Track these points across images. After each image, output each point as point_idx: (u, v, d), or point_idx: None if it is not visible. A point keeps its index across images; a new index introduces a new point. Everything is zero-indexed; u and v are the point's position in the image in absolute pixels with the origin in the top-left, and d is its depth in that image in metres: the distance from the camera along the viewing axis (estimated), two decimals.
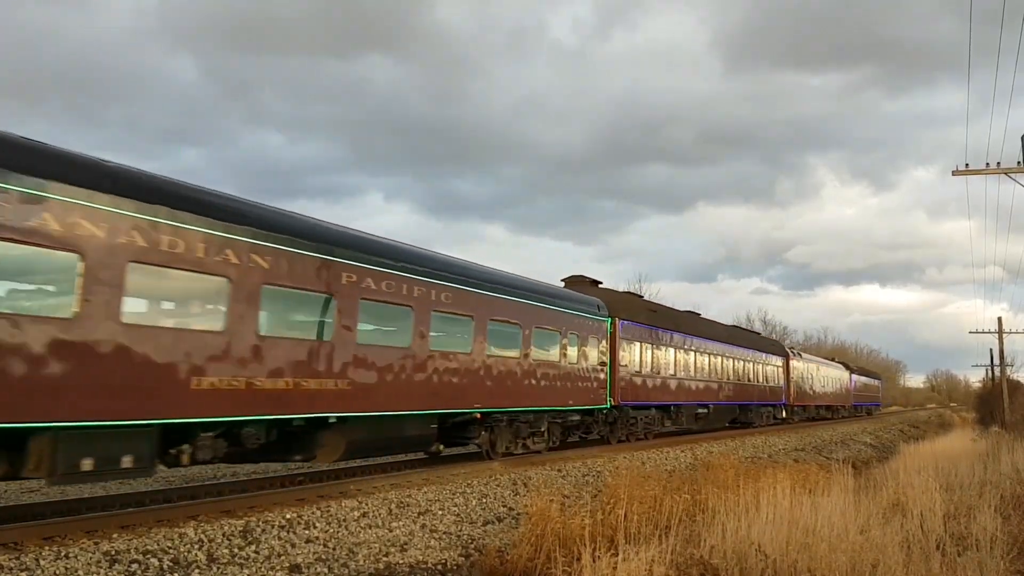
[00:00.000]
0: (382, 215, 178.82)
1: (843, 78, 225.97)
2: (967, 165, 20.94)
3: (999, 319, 48.84)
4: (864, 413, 63.83)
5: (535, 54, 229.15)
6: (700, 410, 26.86)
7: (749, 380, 32.64)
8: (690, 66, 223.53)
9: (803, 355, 44.52)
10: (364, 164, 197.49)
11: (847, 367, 59.09)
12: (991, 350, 60.19)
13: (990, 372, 58.90)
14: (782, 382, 38.03)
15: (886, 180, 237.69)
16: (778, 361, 38.06)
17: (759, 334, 41.66)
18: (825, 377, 48.26)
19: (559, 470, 15.32)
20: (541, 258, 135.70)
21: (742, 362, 31.85)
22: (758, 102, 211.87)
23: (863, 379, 66.02)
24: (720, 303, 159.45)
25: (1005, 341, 48.42)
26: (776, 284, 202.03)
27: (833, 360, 59.42)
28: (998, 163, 20.70)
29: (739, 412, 31.91)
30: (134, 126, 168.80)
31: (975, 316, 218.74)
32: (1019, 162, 20.26)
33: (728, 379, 29.86)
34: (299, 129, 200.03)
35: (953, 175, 21.02)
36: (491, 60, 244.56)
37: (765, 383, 35.13)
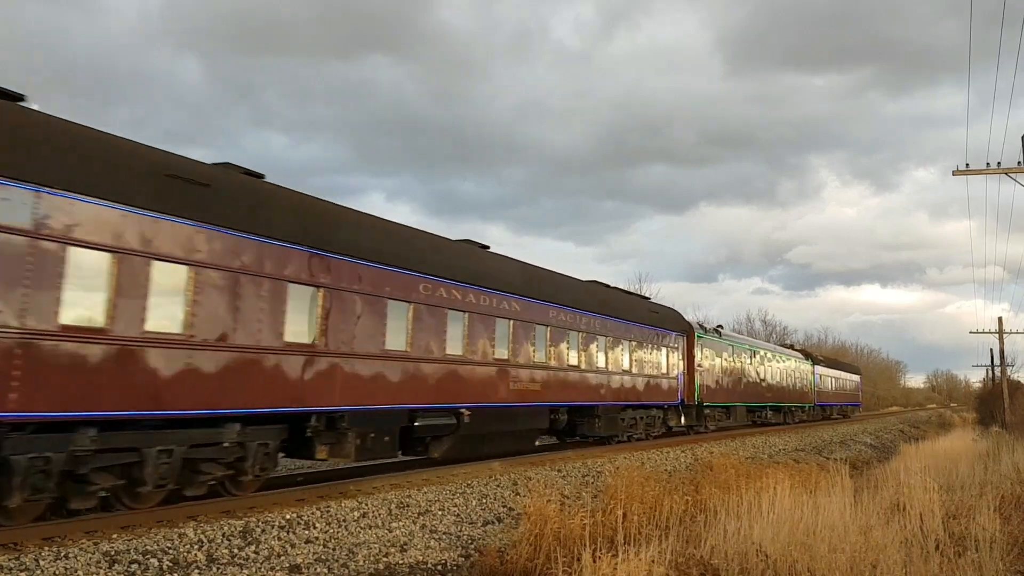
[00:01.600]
0: (384, 215, 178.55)
1: (845, 79, 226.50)
2: (968, 165, 20.99)
3: (999, 319, 48.90)
4: (838, 415, 53.93)
5: (538, 55, 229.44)
6: (428, 420, 13.59)
7: (591, 366, 19.45)
8: (692, 67, 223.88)
9: (723, 333, 31.78)
10: (367, 165, 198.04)
11: (808, 356, 47.80)
12: (991, 350, 60.23)
13: (990, 372, 58.95)
14: (679, 372, 25.20)
15: (887, 180, 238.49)
16: (672, 340, 24.95)
17: (646, 299, 26.77)
18: (768, 368, 36.30)
19: (559, 470, 15.31)
20: (542, 258, 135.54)
21: (568, 335, 18.47)
22: (760, 103, 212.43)
23: (833, 373, 53.40)
24: (721, 303, 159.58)
25: (1005, 341, 48.48)
26: (777, 284, 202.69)
27: (791, 348, 49.14)
28: (999, 163, 20.76)
29: (563, 419, 18.75)
30: (139, 127, 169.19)
31: (976, 316, 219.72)
32: (1019, 162, 20.27)
33: (528, 362, 16.63)
34: (303, 130, 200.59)
35: (954, 175, 21.08)
36: (494, 61, 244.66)
37: (638, 373, 22.04)
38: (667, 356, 24.55)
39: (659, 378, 23.78)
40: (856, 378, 63.76)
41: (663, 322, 24.90)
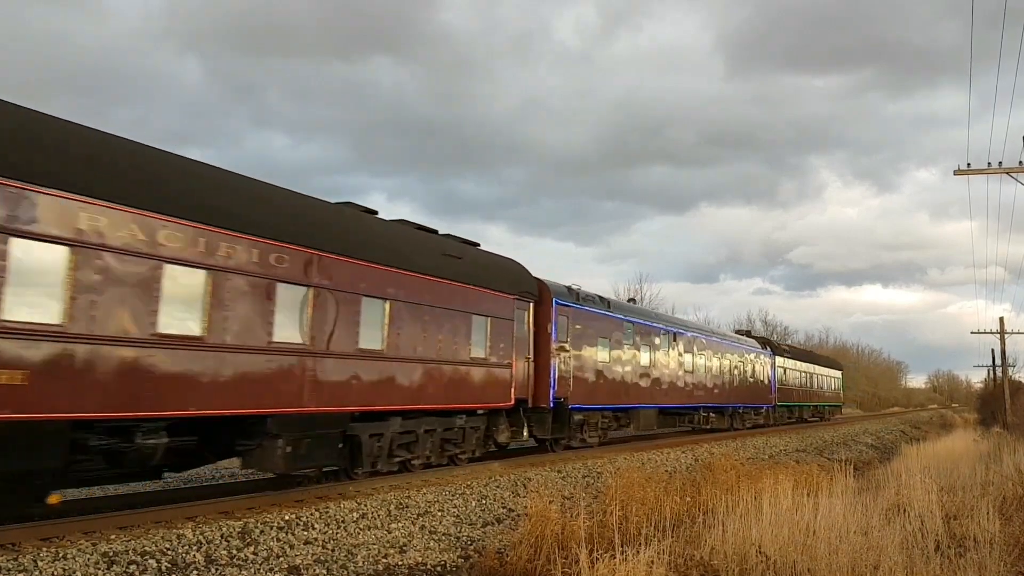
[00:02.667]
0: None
1: (846, 80, 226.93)
2: (968, 165, 20.93)
3: (1001, 319, 48.80)
4: (813, 417, 45.35)
5: (539, 56, 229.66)
6: None
7: (261, 340, 10.22)
8: (693, 68, 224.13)
9: (616, 304, 22.18)
10: (368, 165, 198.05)
11: (767, 344, 37.86)
12: (993, 350, 60.12)
13: (992, 372, 58.90)
14: (520, 357, 16.29)
15: (888, 181, 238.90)
16: (502, 307, 15.68)
17: (473, 244, 16.38)
18: (702, 359, 27.26)
19: (559, 471, 15.29)
20: (542, 258, 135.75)
21: (166, 274, 8.97)
22: (761, 104, 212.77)
23: (802, 367, 43.18)
24: (722, 303, 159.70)
25: (1007, 341, 48.44)
26: (778, 285, 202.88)
27: (748, 334, 39.60)
28: (999, 163, 20.70)
29: (159, 445, 9.17)
30: (141, 127, 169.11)
31: (977, 316, 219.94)
32: (1020, 162, 20.24)
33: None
34: (304, 130, 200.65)
35: (955, 175, 21.04)
36: (495, 62, 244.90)
37: (412, 357, 13.12)
38: (490, 332, 15.11)
39: (471, 367, 14.52)
40: (836, 374, 54.24)
41: (481, 277, 15.11)
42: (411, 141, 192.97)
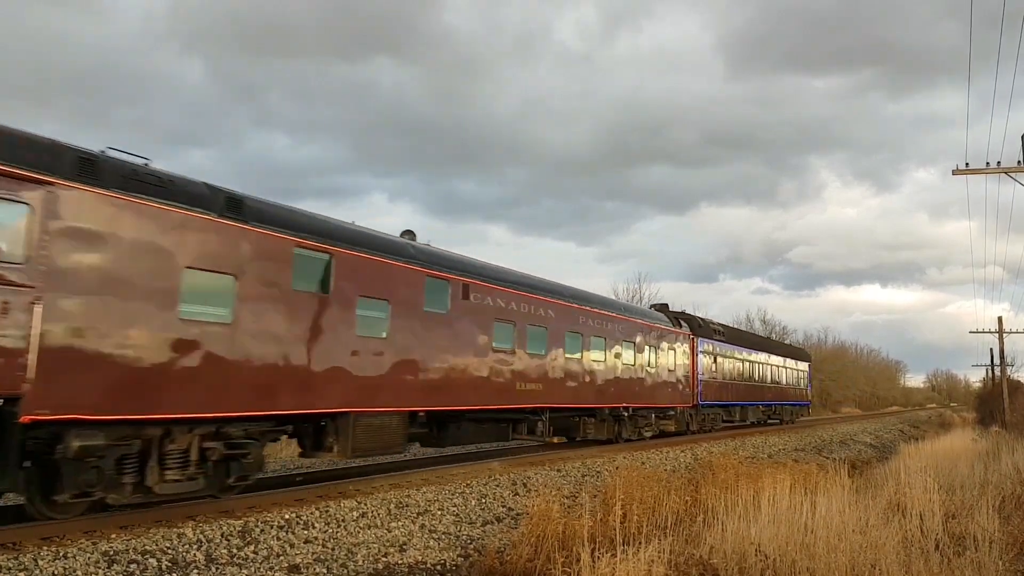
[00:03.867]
0: (386, 215, 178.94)
1: (846, 80, 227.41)
2: (967, 165, 20.92)
3: (999, 319, 48.81)
4: (773, 419, 36.08)
5: (540, 57, 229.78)
6: None
7: None
8: (693, 68, 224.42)
9: (271, 209, 10.67)
10: (369, 165, 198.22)
11: (686, 321, 26.92)
12: (991, 350, 60.21)
13: (990, 372, 58.92)
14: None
15: (888, 181, 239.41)
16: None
17: None
18: (530, 331, 16.65)
19: (559, 470, 15.31)
20: (543, 258, 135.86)
21: None
22: (761, 104, 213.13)
23: (744, 355, 31.84)
24: (722, 303, 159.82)
25: (1005, 341, 48.41)
26: (778, 284, 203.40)
27: (664, 309, 27.85)
28: (998, 163, 20.70)
29: None
30: (143, 127, 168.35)
31: (975, 316, 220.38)
32: (1019, 161, 20.25)
33: None
34: (305, 131, 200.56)
35: (954, 174, 20.98)
36: (497, 63, 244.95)
37: None
38: None
39: None
40: (802, 367, 42.58)
41: None
42: (412, 141, 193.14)
